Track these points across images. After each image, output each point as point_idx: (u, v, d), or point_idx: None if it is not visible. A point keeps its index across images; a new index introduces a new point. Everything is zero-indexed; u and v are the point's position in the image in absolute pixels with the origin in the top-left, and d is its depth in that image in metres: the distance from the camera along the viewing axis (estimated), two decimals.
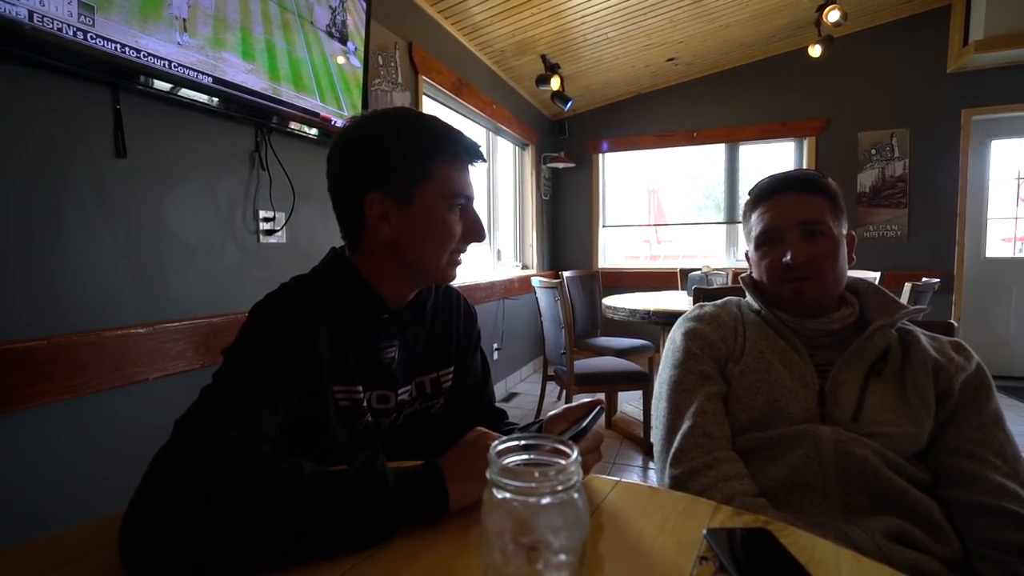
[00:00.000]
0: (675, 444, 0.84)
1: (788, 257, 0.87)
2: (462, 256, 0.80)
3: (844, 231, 0.92)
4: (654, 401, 0.96)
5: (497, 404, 0.96)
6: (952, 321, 1.01)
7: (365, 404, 0.75)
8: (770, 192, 0.93)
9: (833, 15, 3.20)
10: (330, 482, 0.52)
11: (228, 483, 0.49)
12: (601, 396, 0.73)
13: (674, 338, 0.97)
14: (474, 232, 0.79)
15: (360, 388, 0.74)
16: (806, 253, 0.87)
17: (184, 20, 1.33)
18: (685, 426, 0.85)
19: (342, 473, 0.53)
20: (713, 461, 0.80)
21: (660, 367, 0.98)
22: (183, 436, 0.54)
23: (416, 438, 0.81)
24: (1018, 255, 3.97)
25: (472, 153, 0.78)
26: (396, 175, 0.73)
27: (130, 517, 0.48)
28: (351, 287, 0.75)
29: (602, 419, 3.06)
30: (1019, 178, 3.94)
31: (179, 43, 1.32)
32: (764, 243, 0.92)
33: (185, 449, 0.53)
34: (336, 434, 0.71)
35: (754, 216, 0.94)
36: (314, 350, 0.69)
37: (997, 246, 4.00)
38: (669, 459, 0.84)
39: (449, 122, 0.79)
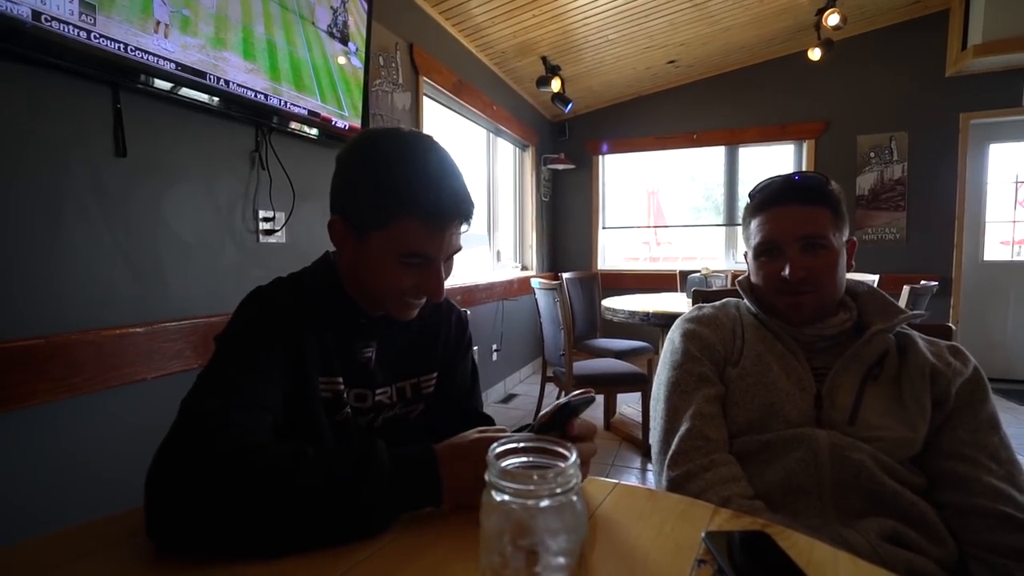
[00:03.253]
0: (673, 446, 0.84)
1: (786, 272, 0.87)
2: (417, 302, 0.77)
3: (845, 238, 0.91)
4: (652, 402, 0.96)
5: (495, 404, 0.96)
6: (950, 324, 1.01)
7: (345, 396, 0.77)
8: (771, 201, 0.91)
9: (833, 19, 3.21)
10: (329, 467, 0.54)
11: (230, 460, 0.53)
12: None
13: (673, 339, 0.97)
14: (428, 292, 0.74)
15: (341, 380, 0.76)
16: (805, 268, 0.86)
17: (163, 23, 1.32)
18: (683, 428, 0.85)
19: (341, 460, 0.55)
20: (710, 464, 0.81)
21: (658, 368, 0.98)
22: (190, 416, 0.58)
23: (394, 442, 0.82)
24: (1016, 258, 3.98)
25: (448, 217, 0.70)
26: (355, 212, 0.72)
27: (149, 495, 0.52)
28: (330, 292, 0.78)
29: (599, 417, 3.06)
30: (1017, 182, 3.95)
31: (157, 41, 1.30)
32: (762, 254, 0.92)
33: (192, 428, 0.57)
34: (321, 422, 0.73)
35: (754, 223, 0.93)
36: (301, 341, 0.72)
37: (995, 249, 4.01)
38: (667, 461, 0.84)
39: (444, 168, 0.72)
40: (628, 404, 3.42)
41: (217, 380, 0.63)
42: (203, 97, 1.44)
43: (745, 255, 0.99)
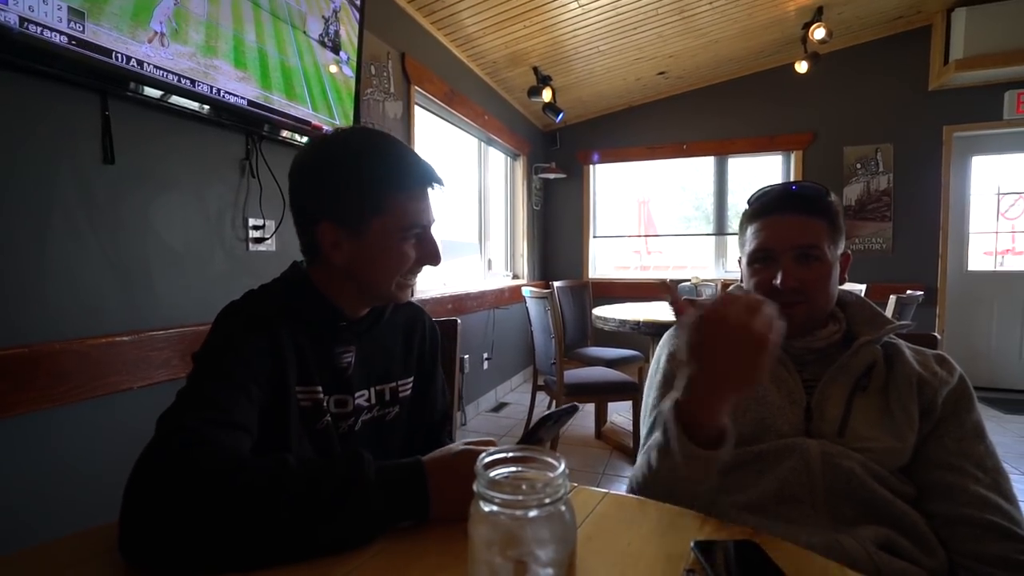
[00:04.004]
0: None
1: (778, 281, 0.86)
2: (415, 278, 0.81)
3: (840, 251, 0.90)
4: (641, 420, 0.96)
5: (486, 413, 0.98)
6: (935, 334, 1.02)
7: (325, 405, 0.76)
8: (768, 209, 0.90)
9: (818, 32, 3.27)
10: (314, 482, 0.54)
11: (210, 478, 0.52)
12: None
13: (659, 357, 0.96)
14: (429, 258, 0.79)
15: (320, 389, 0.76)
16: (797, 278, 0.86)
17: (154, 31, 1.33)
18: None
19: (327, 473, 0.55)
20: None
21: (646, 385, 0.98)
22: (166, 434, 0.57)
23: (372, 444, 0.83)
24: (999, 268, 4.04)
25: (428, 181, 0.77)
26: (348, 208, 0.74)
27: (123, 513, 0.51)
28: (308, 299, 0.78)
29: (590, 426, 3.05)
30: (999, 193, 4.02)
31: (147, 48, 1.30)
32: (756, 261, 0.91)
33: (169, 446, 0.55)
34: (294, 433, 0.73)
35: (750, 230, 0.93)
36: (278, 351, 0.71)
37: (979, 259, 4.07)
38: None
39: (404, 145, 0.78)
40: (619, 413, 3.42)
41: (195, 397, 0.63)
42: (193, 105, 1.43)
43: (739, 261, 0.99)
